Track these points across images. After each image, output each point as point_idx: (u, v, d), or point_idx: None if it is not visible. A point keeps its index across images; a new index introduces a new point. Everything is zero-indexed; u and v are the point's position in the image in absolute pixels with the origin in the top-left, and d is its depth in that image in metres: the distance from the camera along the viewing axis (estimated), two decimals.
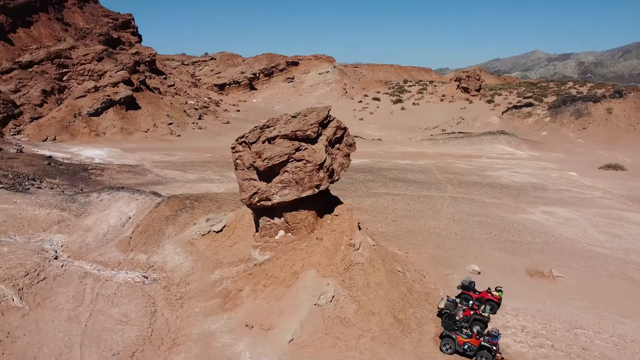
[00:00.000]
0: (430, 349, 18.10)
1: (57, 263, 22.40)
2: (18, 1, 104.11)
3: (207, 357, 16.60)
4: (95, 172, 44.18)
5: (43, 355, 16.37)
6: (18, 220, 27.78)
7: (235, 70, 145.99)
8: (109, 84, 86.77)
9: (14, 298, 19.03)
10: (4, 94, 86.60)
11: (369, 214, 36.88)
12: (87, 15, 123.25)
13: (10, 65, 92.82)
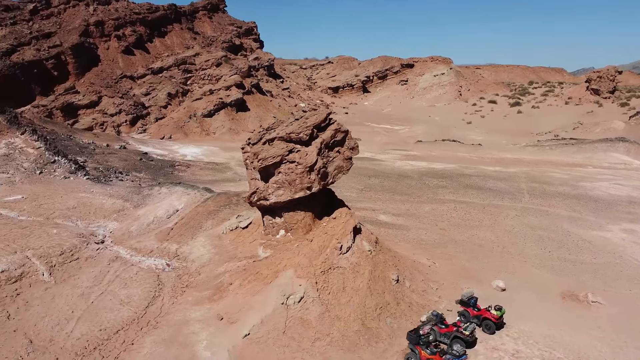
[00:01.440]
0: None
1: (94, 246, 25.50)
2: (156, 14, 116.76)
3: (172, 341, 17.97)
4: (181, 168, 48.52)
5: (43, 324, 19.01)
6: (86, 207, 31.91)
7: (350, 74, 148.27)
8: (223, 87, 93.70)
9: (44, 273, 22.19)
10: (136, 97, 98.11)
11: (420, 221, 35.87)
12: (214, 24, 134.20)
13: (144, 71, 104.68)
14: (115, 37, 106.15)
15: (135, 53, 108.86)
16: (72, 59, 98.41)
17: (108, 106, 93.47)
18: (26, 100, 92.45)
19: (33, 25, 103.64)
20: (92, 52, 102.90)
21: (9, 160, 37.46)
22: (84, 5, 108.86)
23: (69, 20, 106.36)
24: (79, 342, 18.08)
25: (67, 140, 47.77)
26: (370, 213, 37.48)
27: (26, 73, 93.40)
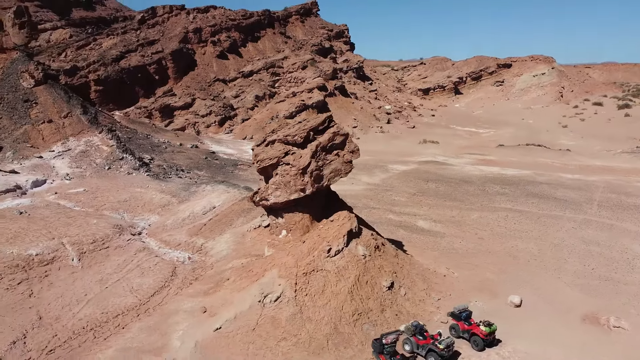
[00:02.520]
0: None
1: (125, 237, 27.88)
2: (250, 20, 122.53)
3: (155, 329, 19.32)
4: (242, 167, 50.80)
5: (56, 303, 21.33)
6: (136, 201, 34.82)
7: (442, 75, 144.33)
8: (306, 89, 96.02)
9: (74, 259, 24.79)
10: (226, 99, 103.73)
11: (460, 229, 34.50)
12: (306, 28, 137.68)
13: (235, 74, 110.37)
14: (211, 43, 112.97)
15: (229, 57, 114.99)
16: (172, 64, 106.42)
17: (200, 108, 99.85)
18: (131, 101, 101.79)
19: (140, 33, 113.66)
20: (190, 57, 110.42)
21: (85, 157, 41.81)
22: (185, 14, 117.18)
23: (171, 28, 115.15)
24: (79, 322, 20.07)
25: (143, 139, 52.13)
26: (410, 218, 36.70)
27: (132, 77, 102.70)
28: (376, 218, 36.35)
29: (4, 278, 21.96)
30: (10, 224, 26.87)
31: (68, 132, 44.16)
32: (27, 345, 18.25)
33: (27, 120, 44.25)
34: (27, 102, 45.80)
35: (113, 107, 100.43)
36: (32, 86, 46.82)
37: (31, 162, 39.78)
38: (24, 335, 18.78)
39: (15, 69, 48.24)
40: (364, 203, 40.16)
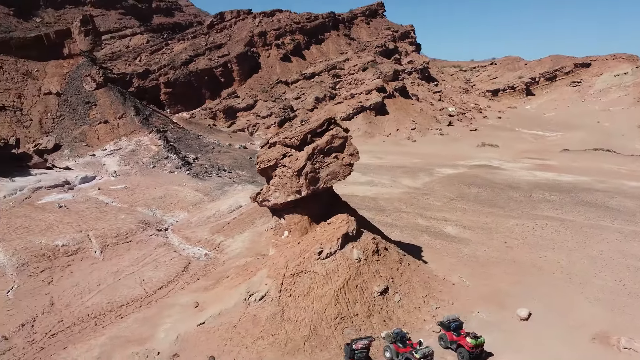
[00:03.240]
0: None
1: (149, 232, 29.44)
2: (314, 23, 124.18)
3: (148, 320, 20.37)
4: None
5: (70, 291, 23.01)
6: (171, 199, 36.57)
7: (513, 75, 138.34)
8: (364, 91, 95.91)
9: (97, 251, 26.60)
10: (287, 101, 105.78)
11: (490, 236, 33.20)
12: (371, 29, 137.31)
13: (297, 76, 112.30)
14: (275, 46, 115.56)
15: (292, 60, 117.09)
16: (237, 67, 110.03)
17: (261, 109, 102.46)
18: (198, 103, 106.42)
19: (209, 37, 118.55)
20: (254, 59, 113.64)
21: (134, 155, 44.46)
22: (252, 18, 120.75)
23: (238, 32, 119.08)
24: (86, 310, 21.56)
25: (193, 139, 54.54)
26: (439, 224, 35.75)
27: (199, 79, 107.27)
28: (403, 222, 35.79)
29: (30, 266, 24.00)
30: (47, 216, 29.26)
31: (121, 132, 47.15)
32: (34, 328, 19.89)
33: (85, 121, 47.76)
34: (88, 104, 49.44)
35: (181, 108, 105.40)
36: (93, 89, 50.47)
37: (85, 160, 42.91)
38: (34, 318, 20.47)
39: (79, 73, 52.21)
40: (395, 206, 39.61)
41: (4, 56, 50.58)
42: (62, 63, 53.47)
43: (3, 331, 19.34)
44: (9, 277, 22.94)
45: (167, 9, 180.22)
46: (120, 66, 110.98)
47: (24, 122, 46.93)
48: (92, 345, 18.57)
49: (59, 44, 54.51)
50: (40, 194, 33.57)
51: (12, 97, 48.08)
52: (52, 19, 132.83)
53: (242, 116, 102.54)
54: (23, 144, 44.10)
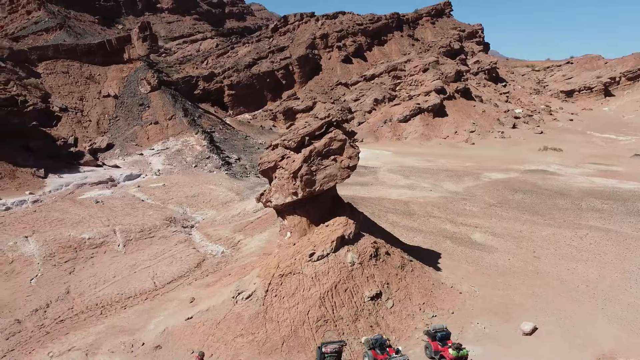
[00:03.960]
0: None
1: (172, 228, 30.85)
2: (377, 24, 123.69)
3: (146, 312, 21.42)
4: None
5: (86, 281, 24.65)
6: (203, 197, 38.01)
7: (590, 75, 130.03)
8: (422, 92, 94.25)
9: (120, 245, 28.30)
10: (345, 102, 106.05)
11: (519, 245, 31.70)
12: (437, 29, 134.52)
13: (357, 78, 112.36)
14: (336, 48, 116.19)
15: (353, 62, 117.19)
16: (298, 69, 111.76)
17: (319, 111, 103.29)
18: (260, 104, 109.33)
19: (272, 41, 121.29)
20: (316, 62, 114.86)
21: (178, 155, 46.62)
22: (314, 21, 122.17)
23: (300, 35, 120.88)
24: (96, 300, 23.03)
25: (240, 140, 56.22)
26: (468, 230, 34.56)
27: (261, 82, 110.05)
28: (429, 227, 34.92)
29: (56, 256, 25.97)
30: (83, 210, 31.45)
31: (170, 132, 49.57)
32: (46, 313, 21.56)
33: (138, 122, 50.69)
34: (142, 106, 52.45)
35: (243, 109, 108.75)
36: (147, 92, 53.46)
37: (133, 159, 45.56)
38: (48, 305, 22.18)
39: (136, 76, 55.49)
40: (427, 211, 38.69)
41: (70, 62, 54.85)
42: (122, 67, 57.06)
43: (17, 315, 21.12)
44: (35, 266, 24.96)
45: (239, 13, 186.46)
46: (188, 69, 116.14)
47: (84, 122, 50.64)
48: (90, 332, 19.84)
49: (120, 50, 58.22)
50: (83, 189, 36.14)
51: (75, 100, 52.04)
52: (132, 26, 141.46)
53: (301, 117, 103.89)
54: (80, 143, 47.59)
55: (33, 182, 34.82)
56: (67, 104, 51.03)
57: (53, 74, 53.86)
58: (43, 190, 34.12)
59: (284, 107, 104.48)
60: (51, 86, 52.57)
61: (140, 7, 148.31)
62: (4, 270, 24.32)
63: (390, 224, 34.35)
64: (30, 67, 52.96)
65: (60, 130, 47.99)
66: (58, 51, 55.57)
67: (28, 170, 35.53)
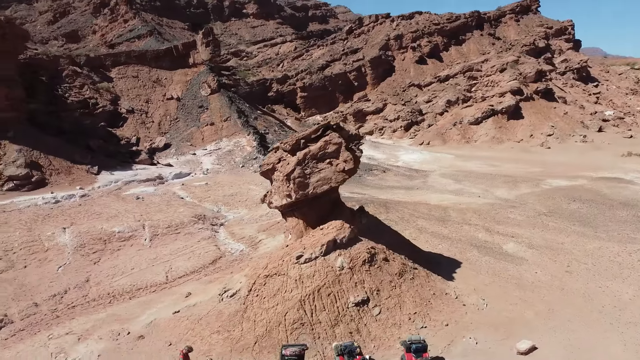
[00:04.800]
0: None
1: (199, 226, 32.23)
2: (455, 23, 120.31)
3: (145, 303, 22.66)
4: (375, 172, 51.53)
5: (106, 272, 26.46)
6: (240, 197, 39.23)
7: None
8: (497, 94, 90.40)
9: (147, 239, 30.11)
10: (417, 104, 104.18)
11: (553, 259, 29.57)
12: (521, 27, 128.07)
13: (431, 79, 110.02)
14: (411, 49, 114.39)
15: (427, 62, 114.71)
16: (370, 70, 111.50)
17: (390, 112, 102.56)
18: (331, 106, 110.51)
19: (346, 43, 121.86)
20: (389, 63, 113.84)
21: (229, 155, 48.49)
22: (389, 22, 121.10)
23: (375, 36, 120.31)
24: (109, 289, 24.72)
25: None
26: (502, 240, 32.73)
27: (333, 84, 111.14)
28: (460, 235, 33.45)
29: (85, 247, 28.19)
30: (121, 205, 33.79)
31: (224, 133, 51.64)
32: (62, 299, 23.52)
33: (196, 123, 53.35)
34: (201, 108, 55.13)
35: (315, 111, 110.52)
36: (207, 94, 56.08)
37: (186, 158, 48.04)
38: (66, 291, 24.17)
39: (198, 80, 58.41)
40: (464, 218, 37.06)
41: (140, 66, 58.98)
42: (187, 71, 60.33)
43: (37, 299, 23.23)
44: (65, 255, 27.27)
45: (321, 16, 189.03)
46: (264, 72, 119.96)
47: (147, 123, 54.22)
48: (91, 319, 21.39)
49: (186, 55, 61.58)
50: (130, 186, 38.78)
51: (142, 102, 55.86)
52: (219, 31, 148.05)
53: (371, 119, 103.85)
54: (142, 143, 51.05)
55: (86, 178, 38.02)
56: (134, 106, 54.94)
57: (124, 78, 58.30)
58: (93, 185, 37.13)
59: (354, 109, 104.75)
60: (121, 89, 56.93)
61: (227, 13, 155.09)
62: (38, 257, 26.80)
63: (418, 229, 33.39)
64: (104, 72, 57.80)
65: (125, 131, 51.84)
66: (130, 57, 60.05)
67: (83, 167, 38.86)
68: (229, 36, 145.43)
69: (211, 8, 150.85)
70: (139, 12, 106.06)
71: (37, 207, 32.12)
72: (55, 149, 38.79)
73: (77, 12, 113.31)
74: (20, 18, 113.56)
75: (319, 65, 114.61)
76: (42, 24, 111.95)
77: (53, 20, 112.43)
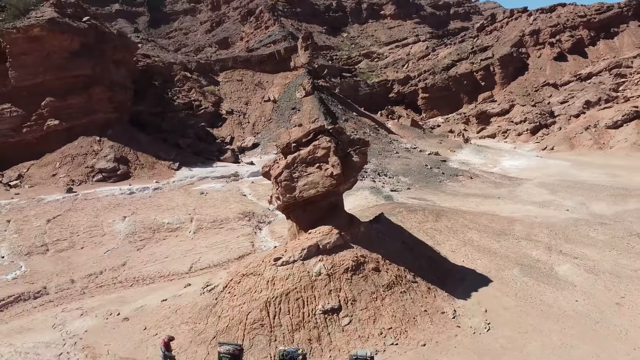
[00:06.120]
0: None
1: (243, 222, 33.86)
2: (605, 14, 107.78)
3: (154, 290, 24.68)
4: (461, 178, 48.58)
5: (142, 257, 29.21)
6: None
7: None
8: None
9: (191, 231, 32.61)
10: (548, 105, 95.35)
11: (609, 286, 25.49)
12: None
13: (569, 77, 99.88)
14: (548, 44, 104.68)
15: (568, 59, 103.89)
16: (500, 69, 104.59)
17: (516, 114, 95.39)
18: (454, 108, 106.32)
19: (476, 40, 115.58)
20: (521, 61, 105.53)
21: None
22: (526, 16, 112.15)
23: (508, 32, 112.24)
24: (137, 274, 27.32)
25: (381, 143, 56.35)
26: (561, 260, 29.01)
27: (457, 84, 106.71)
28: (509, 251, 30.22)
29: (135, 235, 31.48)
30: (182, 199, 36.85)
31: None
32: (96, 279, 26.69)
33: (286, 124, 55.44)
34: (293, 110, 57.09)
35: (436, 112, 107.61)
36: (302, 96, 57.92)
37: (268, 157, 50.26)
38: (101, 272, 27.35)
39: (295, 83, 60.54)
40: (528, 233, 33.29)
41: (245, 71, 63.04)
42: (287, 75, 62.89)
43: (75, 276, 26.68)
44: (116, 241, 30.78)
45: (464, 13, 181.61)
46: (388, 73, 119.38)
47: (243, 124, 57.78)
48: (103, 299, 24.02)
49: (287, 59, 64.21)
50: (204, 182, 41.95)
51: (242, 104, 59.70)
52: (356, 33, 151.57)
53: (495, 121, 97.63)
54: (235, 142, 54.63)
55: (165, 173, 42.11)
56: (234, 108, 58.96)
57: (229, 82, 62.85)
58: (168, 180, 40.98)
59: (478, 110, 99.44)
60: (225, 92, 61.49)
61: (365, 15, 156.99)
62: (95, 241, 30.66)
63: (462, 241, 30.97)
64: (212, 77, 62.99)
65: (223, 131, 55.97)
66: (236, 62, 64.54)
67: (166, 163, 43.09)
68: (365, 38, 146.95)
69: (349, 11, 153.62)
70: (279, 18, 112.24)
71: (113, 197, 36.60)
72: (145, 146, 43.68)
73: (229, 21, 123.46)
74: (185, 29, 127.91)
75: (444, 65, 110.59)
76: (202, 33, 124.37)
77: (210, 29, 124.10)
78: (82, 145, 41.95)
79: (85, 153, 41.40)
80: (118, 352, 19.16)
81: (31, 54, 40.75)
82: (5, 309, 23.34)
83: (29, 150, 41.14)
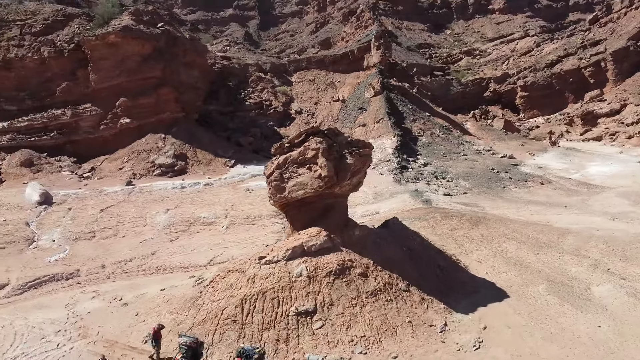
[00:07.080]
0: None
1: (275, 220, 34.46)
2: None
3: (166, 279, 26.05)
4: (529, 184, 44.91)
5: (173, 249, 30.90)
6: None
7: None
8: None
9: (224, 226, 33.92)
10: None
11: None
12: None
13: None
14: None
15: None
16: (612, 65, 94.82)
17: (628, 115, 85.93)
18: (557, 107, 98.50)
19: (588, 34, 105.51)
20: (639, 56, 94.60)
21: None
22: None
23: (625, 24, 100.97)
24: (161, 263, 28.97)
25: (449, 145, 53.75)
26: (602, 279, 25.95)
27: (562, 82, 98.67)
28: (545, 265, 27.44)
29: (172, 227, 33.40)
30: (227, 195, 38.32)
31: (372, 134, 52.15)
32: (125, 265, 28.83)
33: (351, 124, 55.18)
34: (360, 109, 56.51)
35: (537, 112, 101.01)
36: (370, 96, 57.19)
37: None
38: (131, 259, 29.44)
39: (366, 82, 59.86)
40: (578, 247, 29.97)
41: (318, 71, 63.58)
42: (359, 74, 62.34)
43: (107, 262, 29.00)
44: (153, 231, 32.92)
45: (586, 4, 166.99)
46: (486, 71, 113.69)
47: (311, 123, 58.16)
48: (119, 284, 25.85)
49: (360, 59, 63.63)
50: (254, 179, 43.16)
51: (312, 104, 60.32)
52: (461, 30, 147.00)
53: (603, 123, 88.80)
54: None
55: (220, 170, 44.01)
56: (303, 107, 59.76)
57: (302, 82, 63.74)
58: (221, 176, 42.79)
59: (583, 110, 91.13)
60: (297, 92, 62.49)
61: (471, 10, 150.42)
62: (136, 230, 33.07)
63: (493, 252, 28.70)
64: (286, 77, 64.34)
65: (290, 130, 56.95)
66: (310, 62, 65.27)
67: (222, 160, 45.01)
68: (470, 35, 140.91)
69: (455, 7, 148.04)
70: (378, 17, 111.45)
71: (165, 191, 39.15)
72: (206, 144, 46.06)
73: (333, 21, 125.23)
74: (292, 30, 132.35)
75: (547, 61, 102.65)
76: (307, 34, 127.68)
77: (314, 30, 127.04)
78: (148, 142, 45.43)
79: (150, 149, 44.77)
80: (106, 334, 20.58)
81: (109, 59, 45.03)
82: (39, 287, 26.08)
83: (105, 146, 45.51)
